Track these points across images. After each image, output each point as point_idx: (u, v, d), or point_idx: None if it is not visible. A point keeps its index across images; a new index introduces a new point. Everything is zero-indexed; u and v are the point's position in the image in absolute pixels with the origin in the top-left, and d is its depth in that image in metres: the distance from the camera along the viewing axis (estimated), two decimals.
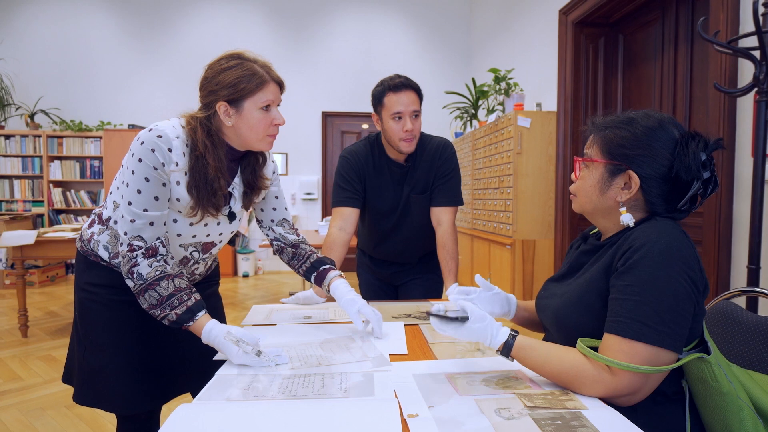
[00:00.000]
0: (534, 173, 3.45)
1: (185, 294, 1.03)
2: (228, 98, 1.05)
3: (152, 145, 1.02)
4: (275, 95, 1.10)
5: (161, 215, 1.05)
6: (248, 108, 1.06)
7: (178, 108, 1.15)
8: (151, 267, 1.02)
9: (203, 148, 1.05)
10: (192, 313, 1.02)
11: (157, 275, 1.02)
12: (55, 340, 3.30)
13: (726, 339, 1.07)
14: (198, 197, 1.07)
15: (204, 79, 1.08)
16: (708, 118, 2.18)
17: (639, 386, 0.78)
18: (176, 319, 1.01)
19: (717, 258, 2.14)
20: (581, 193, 0.96)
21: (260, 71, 1.07)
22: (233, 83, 1.04)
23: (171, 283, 1.03)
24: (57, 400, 2.34)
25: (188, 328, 1.03)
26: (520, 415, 0.71)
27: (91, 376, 1.16)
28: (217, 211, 1.12)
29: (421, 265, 1.76)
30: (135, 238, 1.02)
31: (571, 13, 3.36)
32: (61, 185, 5.60)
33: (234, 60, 1.07)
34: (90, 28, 5.59)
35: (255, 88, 1.05)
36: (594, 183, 0.93)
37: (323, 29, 5.89)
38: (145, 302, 1.02)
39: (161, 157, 1.02)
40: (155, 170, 1.02)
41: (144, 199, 1.02)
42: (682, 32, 2.67)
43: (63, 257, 3.49)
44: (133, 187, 1.02)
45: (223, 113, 1.06)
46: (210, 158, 1.06)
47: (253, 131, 1.08)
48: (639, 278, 0.80)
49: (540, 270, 3.52)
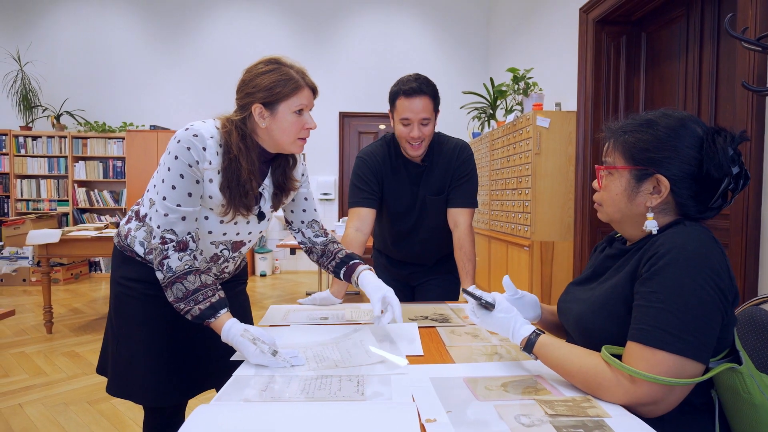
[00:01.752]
0: (553, 174, 3.40)
1: (210, 290, 1.06)
2: (263, 101, 1.08)
3: (188, 143, 1.06)
4: (308, 100, 1.13)
5: (193, 211, 1.09)
6: (282, 111, 1.09)
7: (199, 109, 1.19)
8: (180, 261, 1.06)
9: (237, 151, 1.09)
10: (214, 310, 1.05)
11: (185, 269, 1.06)
12: (78, 337, 3.38)
13: (756, 347, 1.03)
14: (230, 197, 1.11)
15: (242, 82, 1.12)
16: (735, 118, 2.12)
17: (661, 396, 0.75)
18: (199, 314, 1.04)
19: (744, 261, 2.07)
20: (608, 203, 0.92)
21: (296, 77, 1.10)
22: (269, 86, 1.08)
23: (198, 278, 1.06)
24: (80, 395, 2.40)
25: (209, 325, 1.05)
26: (541, 423, 0.70)
27: (123, 368, 1.21)
28: (248, 211, 1.15)
29: (439, 266, 1.75)
30: (167, 231, 1.07)
31: (592, 11, 3.31)
32: (85, 185, 5.74)
33: (271, 65, 1.11)
34: (114, 32, 5.72)
35: (290, 93, 1.09)
36: (620, 191, 0.89)
37: (341, 30, 5.91)
38: (172, 295, 1.06)
39: (195, 155, 1.07)
40: (189, 167, 1.07)
41: (178, 194, 1.07)
42: (707, 29, 2.60)
43: (86, 255, 3.58)
44: (168, 183, 1.07)
45: (258, 115, 1.09)
46: (243, 161, 1.10)
47: (285, 134, 1.12)
48: (664, 285, 0.78)
49: (559, 272, 3.47)
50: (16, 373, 2.69)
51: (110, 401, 2.31)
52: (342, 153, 6.00)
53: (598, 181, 0.95)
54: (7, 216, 5.53)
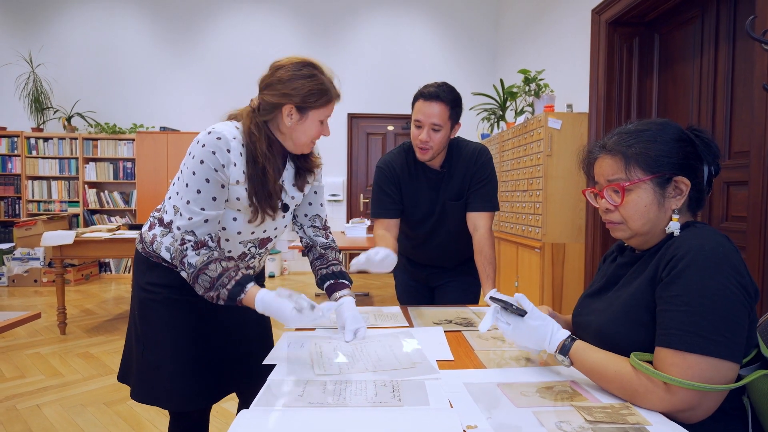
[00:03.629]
0: (564, 176, 3.39)
1: (232, 271, 1.08)
2: (297, 104, 1.11)
3: (213, 147, 1.07)
4: (332, 111, 1.19)
5: (216, 215, 1.11)
6: (311, 118, 1.13)
7: (209, 110, 1.22)
8: (199, 255, 1.08)
9: (263, 159, 1.11)
10: (242, 286, 1.06)
11: (205, 260, 1.07)
12: (92, 338, 3.40)
13: None
14: (258, 202, 1.14)
15: (277, 80, 1.11)
16: (753, 120, 2.11)
17: (697, 402, 0.75)
18: (229, 294, 1.06)
19: (762, 264, 2.06)
20: (635, 217, 0.90)
21: (330, 89, 1.15)
22: (307, 93, 1.10)
23: (218, 265, 1.08)
24: (97, 397, 2.41)
25: (242, 302, 1.07)
26: (582, 429, 0.70)
27: (149, 373, 1.21)
28: (275, 212, 1.18)
29: (459, 268, 1.75)
30: (187, 233, 1.08)
31: (605, 13, 3.30)
32: (95, 186, 5.78)
33: (310, 69, 1.13)
34: (124, 34, 5.76)
35: (322, 104, 1.13)
36: (649, 202, 0.89)
37: (350, 32, 5.92)
38: (200, 288, 1.07)
39: (221, 158, 1.08)
40: (216, 172, 1.08)
41: (203, 198, 1.08)
42: (723, 31, 2.59)
43: (99, 256, 3.60)
44: (193, 188, 1.08)
45: (287, 115, 1.12)
46: (270, 169, 1.13)
47: (306, 136, 1.16)
48: (687, 287, 0.78)
49: (570, 274, 3.46)
50: (32, 374, 2.72)
51: (127, 403, 2.33)
52: (350, 154, 6.01)
53: (608, 201, 0.93)
54: (18, 217, 5.57)
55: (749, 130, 2.26)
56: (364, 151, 6.05)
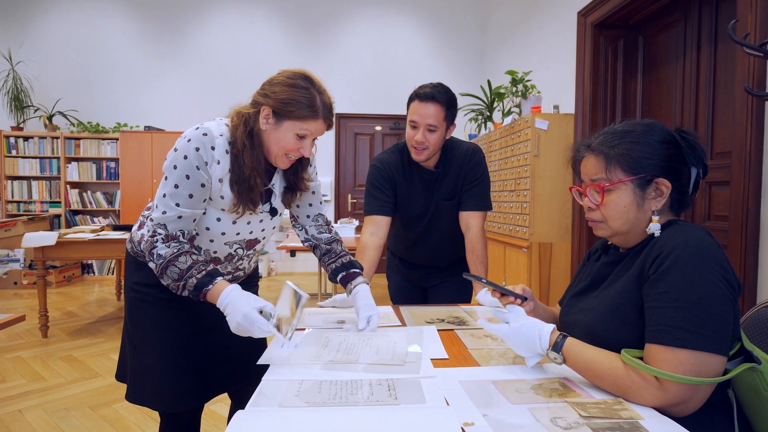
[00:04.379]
0: (551, 176, 3.43)
1: (203, 264, 1.06)
2: (274, 108, 1.08)
3: (197, 143, 1.06)
4: (316, 131, 1.12)
5: (192, 213, 1.08)
6: (285, 127, 1.09)
7: (195, 110, 1.20)
8: (169, 248, 1.06)
9: (241, 147, 1.09)
10: (211, 277, 1.05)
11: (175, 252, 1.06)
12: (75, 341, 3.33)
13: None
14: (238, 193, 1.11)
15: (268, 81, 1.11)
16: (734, 122, 2.16)
17: (688, 395, 0.77)
18: (197, 283, 1.03)
19: (744, 263, 2.11)
20: (614, 217, 0.93)
21: (316, 105, 1.08)
22: (286, 101, 1.07)
23: (189, 257, 1.06)
24: (81, 400, 2.37)
25: (207, 294, 1.04)
26: (577, 425, 0.71)
27: (140, 374, 1.20)
28: (255, 206, 1.14)
29: (452, 269, 1.76)
30: (159, 225, 1.07)
31: (590, 15, 3.35)
32: (77, 186, 5.67)
33: (303, 81, 1.09)
34: (108, 32, 5.66)
35: (301, 117, 1.08)
36: (628, 203, 0.91)
37: (338, 32, 5.91)
38: (168, 279, 1.05)
39: (205, 155, 1.06)
40: (197, 169, 1.06)
41: (180, 194, 1.06)
42: (705, 34, 2.65)
43: (82, 258, 3.53)
44: (172, 182, 1.06)
45: (264, 117, 1.09)
46: (247, 158, 1.09)
47: (278, 147, 1.11)
48: (674, 284, 0.80)
49: (557, 273, 3.50)
50: (13, 379, 2.65)
51: (113, 406, 2.29)
52: (338, 154, 5.99)
53: (589, 199, 0.96)
54: None
55: (731, 132, 2.31)
56: (352, 151, 6.05)
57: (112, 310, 4.22)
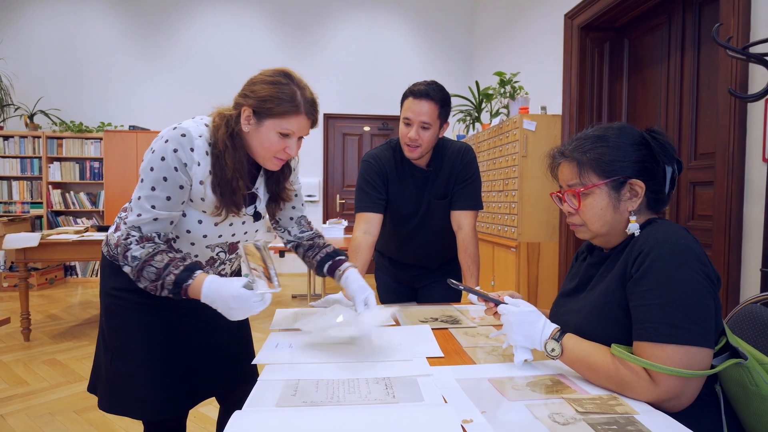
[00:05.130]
0: (539, 176, 3.46)
1: (180, 261, 1.02)
2: (254, 108, 1.04)
3: (176, 144, 1.02)
4: (300, 128, 1.07)
5: (169, 215, 1.05)
6: (267, 126, 1.05)
7: (181, 109, 1.17)
8: (143, 249, 1.02)
9: (222, 148, 1.05)
10: (190, 271, 1.00)
11: (150, 252, 1.02)
12: (58, 344, 3.26)
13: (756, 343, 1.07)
14: (221, 195, 1.07)
15: (249, 80, 1.09)
16: (718, 123, 2.21)
17: (681, 389, 0.78)
18: (175, 279, 0.99)
19: (728, 261, 2.16)
20: (593, 220, 0.95)
21: (297, 101, 1.05)
22: (265, 98, 1.03)
23: (165, 255, 1.02)
24: (66, 405, 2.32)
25: (188, 290, 1.00)
26: (575, 420, 0.72)
27: (119, 382, 1.15)
28: (238, 210, 1.11)
29: (442, 269, 1.76)
30: (133, 228, 1.04)
31: (577, 18, 3.39)
32: (60, 186, 5.55)
33: (282, 78, 1.06)
34: (91, 29, 5.56)
35: (281, 113, 1.04)
36: (604, 205, 0.94)
37: (326, 31, 5.89)
38: (145, 281, 1.01)
39: (183, 157, 1.02)
40: (175, 171, 1.02)
41: (156, 196, 1.03)
42: (689, 37, 2.70)
43: (66, 259, 3.46)
44: (148, 184, 1.03)
45: (245, 118, 1.06)
46: (228, 159, 1.06)
47: (262, 149, 1.07)
48: (657, 281, 0.82)
49: (545, 272, 3.54)
50: None
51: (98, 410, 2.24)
52: (326, 155, 5.98)
53: (567, 204, 0.98)
54: None
55: (714, 133, 2.36)
56: (341, 151, 6.03)
57: (96, 312, 4.14)
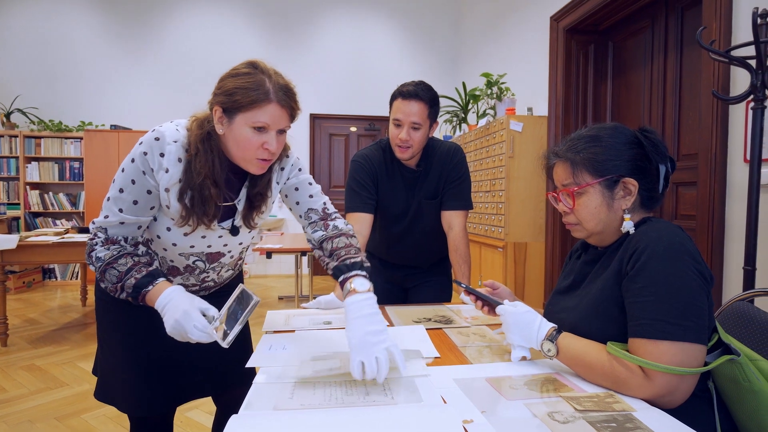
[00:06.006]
0: (526, 177, 3.50)
1: (144, 267, 1.00)
2: (223, 105, 0.97)
3: (147, 147, 0.99)
4: (274, 118, 0.97)
5: (136, 220, 1.02)
6: (239, 123, 0.96)
7: (164, 109, 1.13)
8: (108, 250, 1.01)
9: (194, 151, 0.99)
10: (152, 277, 0.98)
11: (115, 255, 1.00)
12: (37, 349, 3.17)
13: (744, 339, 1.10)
14: (190, 204, 1.01)
15: (219, 78, 1.02)
16: (701, 124, 2.25)
17: (675, 386, 0.79)
18: (135, 284, 0.97)
19: (711, 260, 2.21)
20: (588, 218, 0.97)
21: (265, 87, 0.95)
22: (231, 91, 0.95)
23: (130, 259, 1.01)
24: (46, 411, 2.26)
25: (146, 296, 0.97)
26: (575, 418, 0.72)
27: (107, 374, 1.17)
28: (210, 222, 1.04)
29: (432, 268, 1.76)
30: (100, 229, 1.02)
31: (563, 20, 3.43)
32: (38, 187, 5.41)
33: (247, 68, 0.98)
34: (71, 26, 5.43)
35: (249, 104, 0.94)
36: (599, 204, 0.95)
37: (312, 31, 5.86)
38: (107, 282, 1.00)
39: (152, 161, 0.98)
40: (143, 175, 0.99)
41: (123, 199, 1.00)
42: (671, 40, 2.75)
43: (45, 262, 3.37)
44: (118, 185, 1.01)
45: (217, 119, 0.99)
46: (199, 163, 0.99)
47: (239, 149, 0.98)
48: (651, 278, 0.83)
49: (532, 272, 3.57)
50: None
51: (81, 416, 2.19)
52: (313, 155, 5.94)
53: (562, 204, 1.00)
54: None
55: (697, 134, 2.41)
56: (327, 152, 6.00)
57: (77, 316, 4.05)
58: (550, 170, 1.05)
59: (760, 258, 1.93)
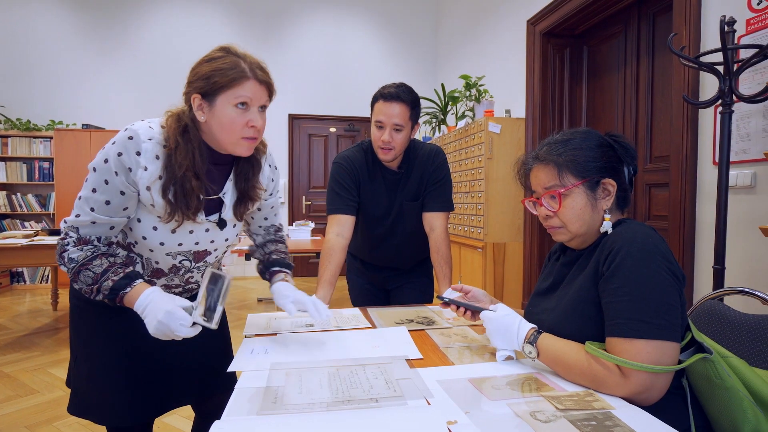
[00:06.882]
0: (504, 178, 3.54)
1: (120, 268, 0.99)
2: (201, 91, 0.98)
3: (121, 147, 0.97)
4: (255, 94, 1.00)
5: (108, 220, 1.01)
6: (221, 104, 0.98)
7: (137, 107, 1.13)
8: (81, 251, 0.99)
9: (174, 145, 0.99)
10: (130, 279, 0.98)
11: (89, 256, 0.99)
12: (5, 356, 3.06)
13: (716, 337, 1.14)
14: (173, 198, 1.00)
15: (190, 69, 1.03)
16: (672, 127, 2.32)
17: (650, 384, 0.81)
18: (112, 286, 0.96)
19: (682, 259, 2.28)
20: (572, 220, 0.98)
21: (241, 66, 0.99)
22: (208, 75, 0.97)
23: (105, 260, 0.99)
24: (16, 420, 2.18)
25: (124, 298, 0.97)
26: (556, 417, 0.73)
27: (83, 385, 1.13)
28: (194, 214, 1.04)
29: (414, 270, 1.77)
30: (71, 229, 1.01)
31: (539, 24, 3.49)
32: (5, 188, 5.22)
33: (219, 52, 1.02)
34: (40, 21, 5.25)
35: (229, 83, 0.97)
36: (583, 205, 0.97)
37: (290, 31, 5.81)
38: (81, 284, 0.98)
39: (128, 161, 0.97)
40: (116, 175, 0.97)
41: (95, 199, 0.98)
42: (643, 46, 2.83)
43: (14, 265, 3.26)
44: (90, 185, 0.99)
45: (197, 108, 0.99)
46: (179, 156, 0.99)
47: (225, 131, 0.99)
48: (626, 278, 0.85)
49: (510, 272, 3.62)
50: None
51: (53, 424, 2.12)
52: (291, 156, 5.89)
53: (545, 207, 1.01)
54: None
55: (668, 137, 2.48)
56: (306, 152, 5.97)
57: (48, 321, 3.92)
58: (527, 176, 1.07)
59: (729, 257, 2.00)
